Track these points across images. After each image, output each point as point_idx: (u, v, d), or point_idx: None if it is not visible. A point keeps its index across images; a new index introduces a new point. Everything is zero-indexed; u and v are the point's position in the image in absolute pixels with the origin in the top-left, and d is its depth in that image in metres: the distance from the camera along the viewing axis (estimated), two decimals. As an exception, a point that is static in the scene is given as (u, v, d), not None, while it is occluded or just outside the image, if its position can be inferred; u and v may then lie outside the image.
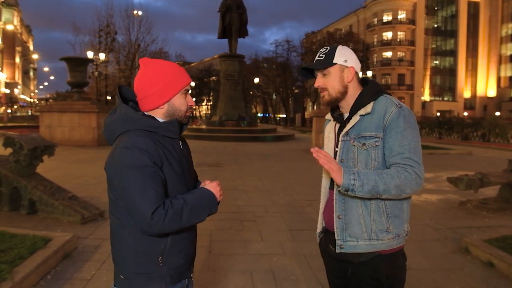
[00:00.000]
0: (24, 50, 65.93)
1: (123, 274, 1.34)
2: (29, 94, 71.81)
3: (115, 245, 1.36)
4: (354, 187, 1.37)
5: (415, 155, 1.43)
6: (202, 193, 1.36)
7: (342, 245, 1.53)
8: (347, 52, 1.57)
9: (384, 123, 1.46)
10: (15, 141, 4.62)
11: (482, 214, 5.30)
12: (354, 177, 1.37)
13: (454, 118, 26.66)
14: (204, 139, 17.43)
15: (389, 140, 1.45)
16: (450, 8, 55.42)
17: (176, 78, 1.36)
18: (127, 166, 1.22)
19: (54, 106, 14.86)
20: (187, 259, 1.41)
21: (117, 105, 1.37)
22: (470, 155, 13.72)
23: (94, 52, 26.26)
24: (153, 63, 1.36)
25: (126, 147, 1.24)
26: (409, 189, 1.41)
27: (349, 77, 1.55)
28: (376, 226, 1.49)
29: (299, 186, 7.13)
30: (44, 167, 5.79)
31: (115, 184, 1.26)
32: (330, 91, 1.56)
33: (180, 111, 1.39)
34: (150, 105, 1.36)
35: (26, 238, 3.35)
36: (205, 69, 58.95)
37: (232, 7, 21.29)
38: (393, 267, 1.53)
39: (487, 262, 3.49)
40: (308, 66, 1.60)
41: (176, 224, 1.25)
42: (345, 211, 1.53)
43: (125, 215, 1.30)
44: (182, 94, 1.38)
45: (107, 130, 1.37)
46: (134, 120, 1.31)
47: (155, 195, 1.22)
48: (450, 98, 55.91)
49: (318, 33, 47.41)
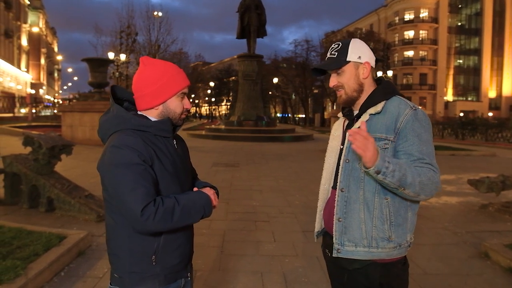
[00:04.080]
0: (49, 51, 67.92)
1: (117, 272, 1.35)
2: (54, 94, 73.88)
3: (109, 244, 1.36)
4: (387, 170, 1.27)
5: (433, 160, 1.39)
6: (197, 195, 1.36)
7: (340, 249, 1.47)
8: (361, 46, 1.49)
9: (397, 125, 1.40)
10: (34, 140, 4.76)
11: (505, 218, 5.11)
12: (389, 159, 1.29)
13: (478, 118, 25.87)
14: (223, 139, 17.55)
15: (405, 144, 1.39)
16: (474, 6, 53.80)
17: (173, 80, 1.35)
18: (116, 164, 1.22)
19: (76, 106, 15.22)
20: (183, 258, 1.40)
21: (110, 105, 1.37)
22: (494, 157, 13.26)
23: (115, 53, 26.80)
24: (153, 63, 1.36)
25: (115, 145, 1.25)
26: (428, 191, 1.35)
27: (365, 73, 1.49)
28: (378, 234, 1.42)
29: (316, 186, 6.97)
30: (64, 166, 5.94)
31: (106, 183, 1.27)
32: (347, 90, 1.50)
33: (175, 113, 1.38)
34: (145, 104, 1.36)
35: (42, 235, 3.44)
36: (225, 69, 59.34)
37: (251, 7, 21.34)
38: (389, 276, 1.45)
39: (508, 268, 3.34)
40: (320, 67, 1.54)
41: (167, 223, 1.24)
42: (346, 214, 1.47)
43: (118, 214, 1.30)
44: (178, 97, 1.37)
45: (100, 129, 1.38)
46: (125, 120, 1.31)
47: (145, 192, 1.21)
48: (474, 98, 54.25)
49: (338, 32, 46.93)
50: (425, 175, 1.33)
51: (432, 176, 1.35)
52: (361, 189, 1.44)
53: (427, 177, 1.33)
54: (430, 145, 1.40)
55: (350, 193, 1.46)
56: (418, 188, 1.32)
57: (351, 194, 1.46)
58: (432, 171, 1.36)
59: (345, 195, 1.47)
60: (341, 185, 1.48)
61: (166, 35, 35.90)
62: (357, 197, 1.45)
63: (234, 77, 53.03)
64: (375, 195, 1.42)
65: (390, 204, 1.41)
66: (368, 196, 1.43)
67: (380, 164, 1.27)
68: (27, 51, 54.04)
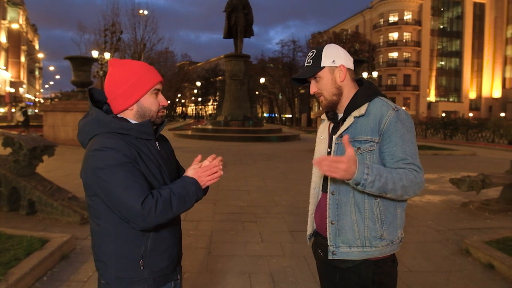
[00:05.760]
0: (30, 49, 66.24)
1: (104, 279, 1.32)
2: (34, 93, 72.13)
3: (95, 250, 1.33)
4: (366, 182, 1.30)
5: (417, 160, 1.42)
6: (185, 181, 1.32)
7: (335, 251, 1.49)
8: (334, 51, 1.51)
9: (381, 127, 1.42)
10: (14, 140, 4.62)
11: (484, 215, 5.24)
12: (368, 171, 1.30)
13: (459, 119, 26.45)
14: (209, 139, 17.46)
15: (389, 145, 1.41)
16: (456, 9, 55.01)
17: (144, 77, 1.32)
18: (102, 167, 1.19)
19: (58, 105, 14.90)
20: (171, 261, 1.38)
21: (89, 108, 1.33)
22: (474, 156, 13.58)
23: (99, 52, 26.34)
24: (121, 64, 1.33)
25: (97, 149, 1.21)
26: (412, 192, 1.38)
27: (341, 76, 1.50)
28: (370, 233, 1.45)
29: (303, 187, 7.08)
30: (46, 167, 5.81)
31: (95, 189, 1.22)
32: (326, 95, 1.52)
33: (150, 111, 1.35)
34: (119, 106, 1.33)
35: (23, 239, 3.35)
36: (211, 69, 59.06)
37: (238, 7, 21.28)
38: (380, 273, 1.48)
39: (488, 264, 3.44)
40: (297, 76, 1.55)
41: (168, 213, 1.22)
42: (338, 216, 1.49)
43: (103, 220, 1.27)
44: (152, 94, 1.34)
45: (80, 133, 1.34)
46: (105, 123, 1.27)
47: (140, 187, 1.19)
48: (456, 99, 55.48)
49: (325, 33, 47.27)
50: (407, 178, 1.36)
51: (415, 177, 1.37)
52: (350, 191, 1.46)
53: (409, 179, 1.36)
54: (413, 145, 1.43)
55: (341, 195, 1.48)
56: (400, 191, 1.36)
57: (341, 197, 1.48)
58: (415, 171, 1.38)
59: (336, 198, 1.49)
60: (332, 188, 1.50)
61: (152, 34, 35.54)
62: (348, 200, 1.47)
63: (220, 76, 52.83)
64: (364, 197, 1.44)
65: (380, 203, 1.44)
66: (358, 198, 1.45)
67: (359, 176, 1.29)
68: (6, 48, 52.63)
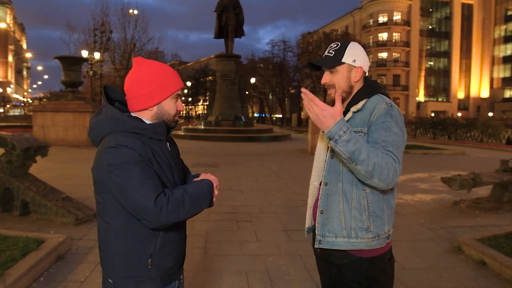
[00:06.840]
0: (17, 48, 65.21)
1: (112, 278, 1.31)
2: (23, 93, 71.07)
3: (103, 248, 1.32)
4: (339, 138, 1.29)
5: (397, 152, 1.39)
6: (202, 182, 1.34)
7: (321, 240, 1.54)
8: (358, 50, 1.55)
9: (371, 118, 1.46)
10: (7, 141, 4.57)
11: (475, 213, 5.35)
12: (346, 130, 1.30)
13: (448, 118, 26.82)
14: (200, 139, 17.41)
15: (373, 135, 1.43)
16: (444, 10, 55.79)
17: (169, 81, 1.33)
18: (117, 164, 1.19)
19: (48, 105, 14.73)
20: (177, 261, 1.39)
21: (103, 105, 1.33)
22: (464, 155, 13.80)
23: (89, 51, 26.09)
24: (147, 64, 1.33)
25: (112, 146, 1.21)
26: (384, 175, 1.33)
27: (357, 77, 1.54)
28: (356, 224, 1.48)
29: (295, 186, 7.13)
30: (38, 168, 5.74)
31: (108, 186, 1.22)
32: (337, 90, 1.55)
33: (169, 115, 1.36)
34: (139, 105, 1.33)
35: (18, 240, 3.32)
36: (201, 69, 58.77)
37: (228, 7, 21.26)
38: (374, 271, 1.51)
39: (480, 261, 3.52)
40: (316, 63, 1.58)
41: (180, 212, 1.22)
42: (327, 206, 1.53)
43: (113, 218, 1.27)
44: (173, 98, 1.36)
45: (92, 131, 1.33)
46: (120, 122, 1.27)
47: (153, 185, 1.20)
48: (445, 99, 56.26)
49: (315, 33, 47.42)
50: (384, 159, 1.33)
51: (391, 163, 1.34)
52: (339, 181, 1.50)
53: (385, 161, 1.33)
54: (397, 138, 1.42)
55: (331, 185, 1.53)
56: (371, 168, 1.31)
57: (331, 187, 1.52)
58: (392, 158, 1.36)
59: (327, 188, 1.53)
60: (325, 179, 1.55)
61: (142, 34, 35.28)
62: (337, 189, 1.51)
63: (211, 77, 52.65)
64: (352, 187, 1.48)
65: (368, 195, 1.47)
66: (347, 187, 1.48)
67: (334, 131, 1.29)
68: (-7, 48, 51.83)
